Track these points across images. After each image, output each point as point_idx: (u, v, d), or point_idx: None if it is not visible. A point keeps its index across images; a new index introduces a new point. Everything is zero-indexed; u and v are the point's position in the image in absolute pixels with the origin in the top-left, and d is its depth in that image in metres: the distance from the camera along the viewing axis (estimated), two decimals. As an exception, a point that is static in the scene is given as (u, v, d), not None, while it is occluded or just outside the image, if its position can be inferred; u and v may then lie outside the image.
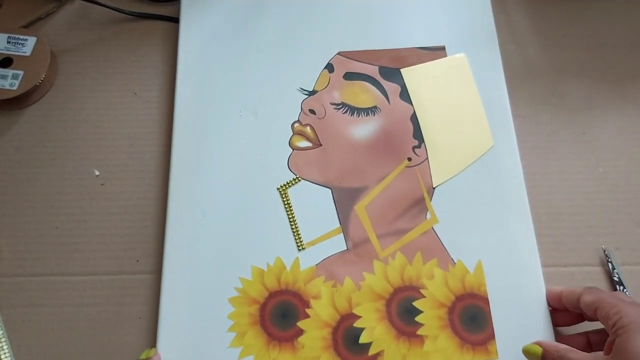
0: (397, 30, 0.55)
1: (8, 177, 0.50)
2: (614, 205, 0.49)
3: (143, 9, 0.58)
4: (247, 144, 0.50)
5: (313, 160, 0.49)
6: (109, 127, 0.52)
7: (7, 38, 0.54)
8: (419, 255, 0.46)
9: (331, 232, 0.47)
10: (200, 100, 0.52)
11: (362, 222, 0.47)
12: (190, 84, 0.52)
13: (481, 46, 0.54)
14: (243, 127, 0.51)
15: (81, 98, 0.54)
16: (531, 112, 0.53)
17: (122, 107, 0.53)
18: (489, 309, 0.44)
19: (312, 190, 0.48)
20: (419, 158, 0.49)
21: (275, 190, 0.48)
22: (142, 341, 0.45)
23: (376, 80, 0.53)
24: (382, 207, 0.48)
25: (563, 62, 0.55)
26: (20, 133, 0.52)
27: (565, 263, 0.47)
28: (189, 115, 0.51)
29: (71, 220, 0.49)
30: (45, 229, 0.48)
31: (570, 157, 0.51)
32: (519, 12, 0.58)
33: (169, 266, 0.45)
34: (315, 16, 0.56)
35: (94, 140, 0.52)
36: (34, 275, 0.47)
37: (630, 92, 0.54)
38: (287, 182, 0.48)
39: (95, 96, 0.54)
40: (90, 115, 0.53)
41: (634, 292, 0.46)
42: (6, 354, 0.44)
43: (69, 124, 0.53)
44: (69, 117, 0.53)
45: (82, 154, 0.51)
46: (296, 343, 0.43)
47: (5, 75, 0.52)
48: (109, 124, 0.53)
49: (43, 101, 0.54)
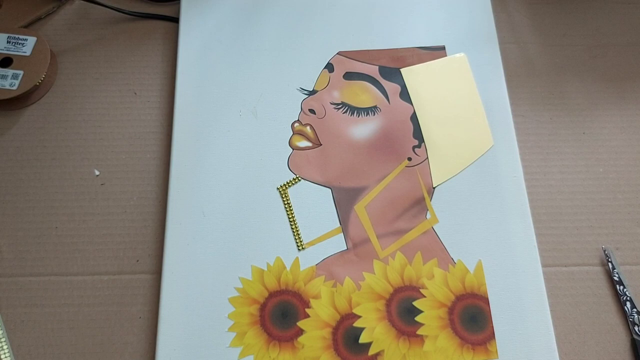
0: (397, 30, 0.55)
1: (8, 177, 0.50)
2: (614, 205, 0.49)
3: (143, 9, 0.58)
4: (247, 144, 0.50)
5: (313, 160, 0.49)
6: (109, 127, 0.52)
7: (7, 38, 0.54)
8: (419, 255, 0.46)
9: (331, 232, 0.47)
10: (200, 100, 0.52)
11: (362, 222, 0.47)
12: (190, 84, 0.52)
13: (481, 46, 0.54)
14: (243, 126, 0.51)
15: (81, 98, 0.54)
16: (531, 112, 0.53)
17: (122, 107, 0.53)
18: (489, 309, 0.44)
19: (312, 190, 0.48)
20: (419, 158, 0.49)
21: (275, 190, 0.48)
22: (142, 341, 0.45)
23: (376, 80, 0.53)
24: (382, 207, 0.48)
25: (563, 62, 0.55)
26: (20, 133, 0.52)
27: (565, 263, 0.47)
28: (189, 115, 0.51)
29: (71, 220, 0.49)
30: (45, 229, 0.48)
31: (570, 157, 0.51)
32: (519, 11, 0.58)
33: (169, 266, 0.45)
34: (315, 16, 0.56)
35: (94, 140, 0.52)
36: (34, 275, 0.47)
37: (630, 91, 0.54)
38: (287, 182, 0.49)
39: (95, 96, 0.54)
40: (90, 115, 0.53)
41: (634, 292, 0.46)
42: (6, 354, 0.44)
43: (69, 124, 0.53)
44: (69, 117, 0.53)
45: (82, 154, 0.51)
46: (296, 343, 0.43)
47: (5, 75, 0.52)
48: (109, 124, 0.53)
49: (43, 101, 0.54)
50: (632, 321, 0.45)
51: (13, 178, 0.50)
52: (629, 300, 0.45)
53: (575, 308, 0.46)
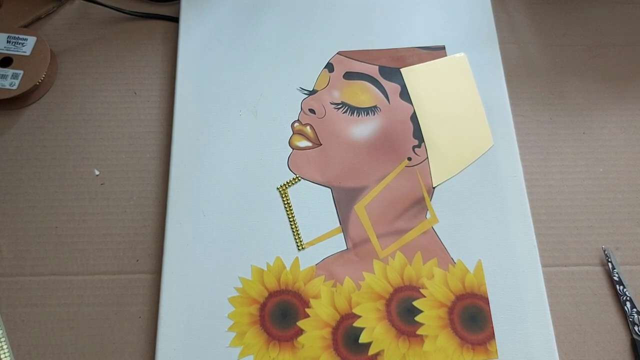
0: (397, 30, 0.55)
1: (8, 177, 0.50)
2: (614, 205, 0.49)
3: (143, 9, 0.58)
4: (246, 144, 0.50)
5: (313, 160, 0.49)
6: (109, 127, 0.52)
7: (7, 38, 0.54)
8: (419, 255, 0.46)
9: (331, 231, 0.47)
10: (200, 100, 0.52)
11: (362, 221, 0.47)
12: (190, 83, 0.52)
13: (481, 46, 0.54)
14: (243, 126, 0.51)
15: (81, 98, 0.54)
16: (531, 112, 0.53)
17: (122, 107, 0.53)
18: (489, 309, 0.44)
19: (312, 190, 0.48)
20: (419, 158, 0.49)
21: (275, 190, 0.48)
22: (142, 341, 0.45)
23: (376, 79, 0.53)
24: (382, 206, 0.48)
25: (563, 62, 0.55)
26: (20, 133, 0.52)
27: (565, 263, 0.47)
28: (189, 115, 0.51)
29: (71, 220, 0.49)
30: (45, 229, 0.48)
31: (570, 157, 0.51)
32: (519, 11, 0.58)
33: (168, 266, 0.45)
34: (315, 16, 0.56)
35: (94, 140, 0.52)
36: (34, 275, 0.47)
37: (631, 91, 0.54)
38: (287, 181, 0.48)
39: (95, 96, 0.54)
40: (90, 115, 0.53)
41: (634, 292, 0.46)
42: (6, 354, 0.44)
43: (69, 124, 0.53)
44: (69, 117, 0.53)
45: (82, 153, 0.51)
46: (296, 343, 0.43)
47: (5, 75, 0.52)
48: (109, 123, 0.53)
49: (43, 101, 0.54)
50: (632, 321, 0.45)
51: (13, 178, 0.50)
52: (629, 300, 0.45)
53: (575, 308, 0.46)
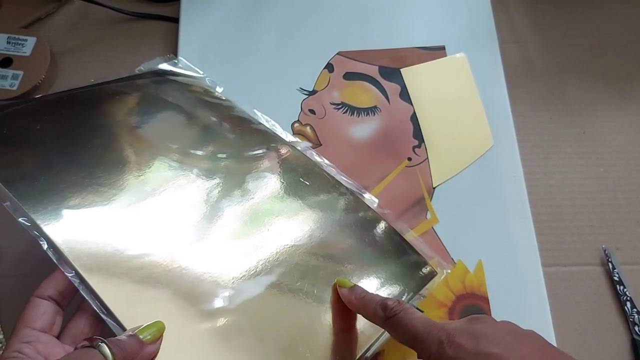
0: (397, 30, 0.55)
1: (8, 177, 0.50)
2: (615, 204, 0.49)
3: (143, 9, 0.58)
4: (247, 144, 0.50)
5: (313, 160, 0.49)
6: (109, 127, 0.52)
7: (7, 38, 0.54)
8: (419, 255, 0.46)
9: (331, 232, 0.47)
10: (200, 100, 0.52)
11: (362, 222, 0.47)
12: (190, 84, 0.52)
13: (481, 46, 0.54)
14: (243, 127, 0.51)
15: (81, 98, 0.54)
16: (531, 112, 0.53)
17: (122, 107, 0.53)
18: (489, 309, 0.44)
19: (312, 190, 0.48)
20: (419, 158, 0.49)
21: (275, 190, 0.48)
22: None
23: (376, 80, 0.53)
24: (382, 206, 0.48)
25: (563, 62, 0.55)
26: (21, 133, 0.52)
27: (565, 262, 0.47)
28: (189, 115, 0.51)
29: (71, 220, 0.49)
30: (46, 229, 0.48)
31: (570, 157, 0.51)
32: (519, 11, 0.58)
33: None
34: (315, 16, 0.56)
35: (94, 140, 0.52)
36: (34, 275, 0.47)
37: (631, 91, 0.54)
38: (287, 182, 0.48)
39: (95, 96, 0.54)
40: (90, 115, 0.53)
41: (634, 292, 0.46)
42: (6, 354, 0.44)
43: (69, 124, 0.52)
44: (69, 117, 0.53)
45: (82, 154, 0.51)
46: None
47: (5, 76, 0.52)
48: (109, 124, 0.52)
49: (43, 101, 0.53)
50: (632, 321, 0.45)
51: (13, 178, 0.50)
52: (629, 300, 0.45)
53: (576, 308, 0.46)
